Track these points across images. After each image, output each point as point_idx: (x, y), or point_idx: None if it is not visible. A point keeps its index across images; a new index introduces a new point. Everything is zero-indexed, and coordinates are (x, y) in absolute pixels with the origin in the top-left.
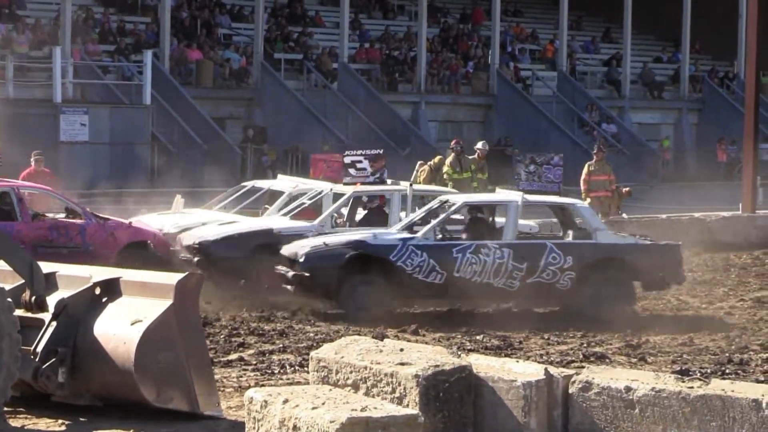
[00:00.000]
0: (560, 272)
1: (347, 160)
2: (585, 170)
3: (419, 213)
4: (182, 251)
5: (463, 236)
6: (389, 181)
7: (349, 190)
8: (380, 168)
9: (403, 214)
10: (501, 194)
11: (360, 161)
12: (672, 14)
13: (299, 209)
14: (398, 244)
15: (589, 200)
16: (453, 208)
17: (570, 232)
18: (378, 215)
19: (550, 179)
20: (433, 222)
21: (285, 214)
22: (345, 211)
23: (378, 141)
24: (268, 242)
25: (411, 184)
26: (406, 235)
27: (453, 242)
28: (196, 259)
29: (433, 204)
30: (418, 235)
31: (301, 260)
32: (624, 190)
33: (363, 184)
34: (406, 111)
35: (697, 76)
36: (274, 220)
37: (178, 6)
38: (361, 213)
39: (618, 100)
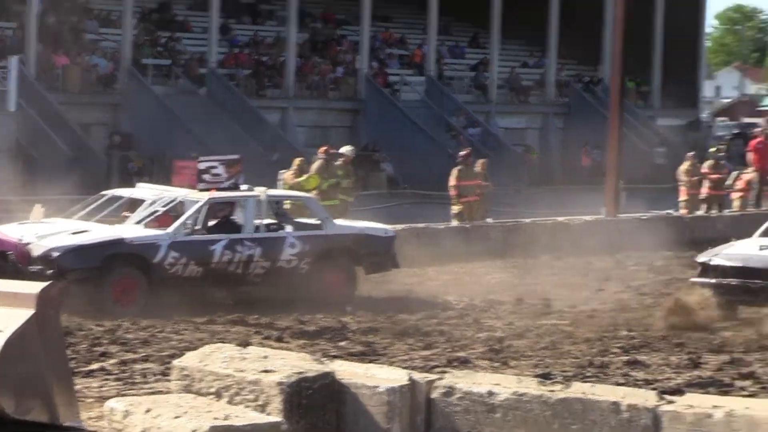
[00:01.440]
0: None
1: (202, 166)
2: (455, 175)
3: None
4: (34, 262)
5: None
6: (244, 187)
7: (204, 197)
8: (236, 173)
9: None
10: None
11: (215, 167)
12: (538, 20)
13: (153, 216)
14: None
15: (460, 206)
16: None
17: None
18: (228, 223)
19: None
20: None
21: (138, 222)
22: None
23: (246, 147)
24: (120, 252)
25: (265, 190)
26: None
27: None
28: (49, 271)
29: None
30: None
31: None
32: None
33: (218, 189)
34: (275, 116)
35: (563, 81)
36: (125, 228)
37: (44, 11)
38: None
39: (485, 105)
